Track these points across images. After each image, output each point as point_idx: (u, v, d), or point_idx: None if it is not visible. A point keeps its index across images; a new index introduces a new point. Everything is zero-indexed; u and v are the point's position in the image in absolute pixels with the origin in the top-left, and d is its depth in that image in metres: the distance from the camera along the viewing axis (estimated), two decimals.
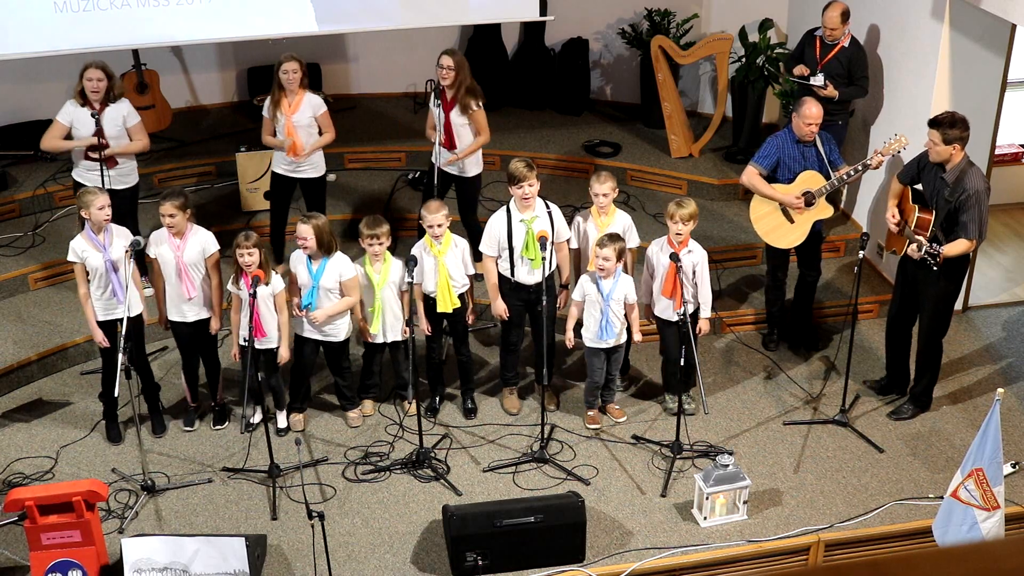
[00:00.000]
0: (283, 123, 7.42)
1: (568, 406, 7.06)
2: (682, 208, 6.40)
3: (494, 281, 6.68)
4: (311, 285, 6.41)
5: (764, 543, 5.98)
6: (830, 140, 7.11)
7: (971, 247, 6.36)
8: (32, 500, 5.49)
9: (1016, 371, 7.43)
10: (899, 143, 6.85)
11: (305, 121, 7.46)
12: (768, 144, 7.09)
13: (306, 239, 6.34)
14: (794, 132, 6.98)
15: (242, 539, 5.50)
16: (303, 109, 7.44)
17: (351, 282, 6.49)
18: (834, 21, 7.70)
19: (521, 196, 6.47)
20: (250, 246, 6.24)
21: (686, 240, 6.48)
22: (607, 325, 6.49)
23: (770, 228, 7.13)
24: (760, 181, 7.04)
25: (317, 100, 7.56)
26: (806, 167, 7.01)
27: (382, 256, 6.53)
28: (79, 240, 6.33)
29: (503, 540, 5.71)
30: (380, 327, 6.63)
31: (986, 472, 5.32)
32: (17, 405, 7.05)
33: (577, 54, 10.01)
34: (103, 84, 7.10)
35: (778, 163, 7.04)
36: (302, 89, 7.44)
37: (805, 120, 6.88)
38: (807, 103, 6.93)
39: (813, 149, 7.00)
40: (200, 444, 6.74)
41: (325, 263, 6.42)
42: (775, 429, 6.87)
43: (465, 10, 8.74)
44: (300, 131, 7.45)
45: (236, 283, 6.37)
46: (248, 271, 6.26)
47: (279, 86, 7.39)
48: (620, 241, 6.41)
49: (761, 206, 7.13)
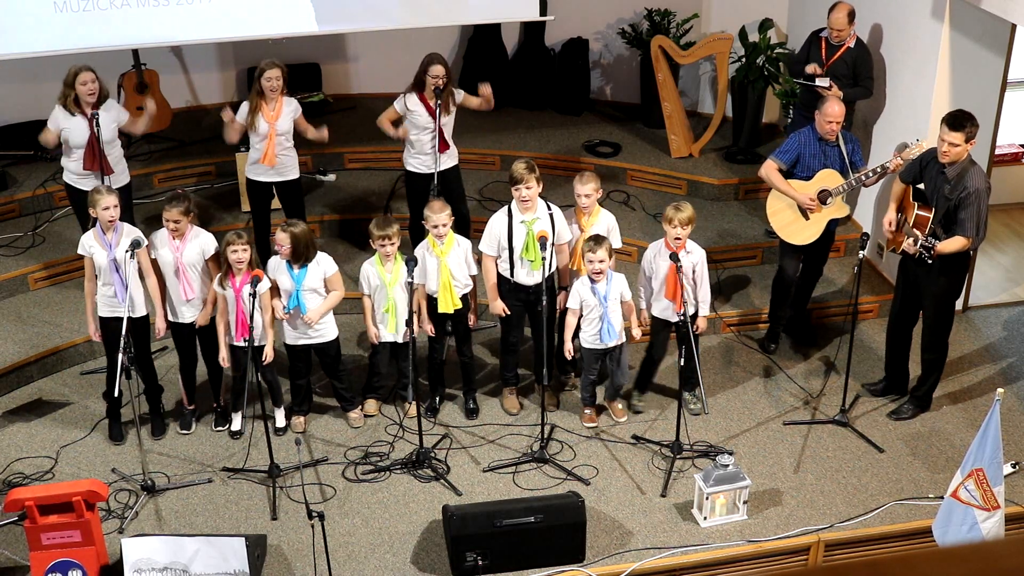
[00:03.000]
0: (264, 130, 7.35)
1: (568, 406, 7.06)
2: (680, 212, 6.41)
3: (493, 281, 6.68)
4: (293, 289, 6.42)
5: (764, 543, 5.98)
6: (854, 141, 7.10)
7: (967, 245, 6.34)
8: (32, 500, 5.49)
9: (1016, 371, 7.42)
10: (919, 148, 6.80)
11: (286, 127, 7.42)
12: (791, 140, 7.10)
13: (282, 246, 6.37)
14: (817, 130, 6.98)
15: (242, 539, 5.51)
16: (284, 114, 7.39)
17: (335, 278, 6.51)
18: (841, 22, 7.68)
19: (520, 198, 6.48)
20: (243, 243, 6.25)
21: (683, 243, 6.49)
22: (609, 327, 6.49)
23: (786, 223, 7.14)
24: (777, 176, 7.04)
25: (294, 103, 7.52)
26: (826, 165, 7.00)
27: (393, 256, 6.53)
28: (89, 235, 6.38)
29: (503, 540, 5.71)
30: (395, 326, 6.63)
31: (986, 472, 5.32)
32: (17, 405, 7.05)
33: (577, 54, 10.01)
34: (96, 86, 7.09)
35: (798, 159, 7.04)
36: (281, 95, 7.38)
37: (827, 118, 6.88)
38: (830, 102, 6.93)
39: (836, 148, 6.99)
40: (200, 444, 6.74)
41: (306, 266, 6.43)
42: (775, 429, 6.87)
43: (465, 10, 8.74)
44: (280, 138, 7.39)
45: (223, 283, 6.37)
46: (238, 269, 6.27)
47: (259, 92, 7.30)
48: (606, 241, 6.43)
49: (778, 201, 7.14)
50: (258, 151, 7.46)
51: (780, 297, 7.47)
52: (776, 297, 7.50)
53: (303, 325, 6.49)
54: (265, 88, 7.28)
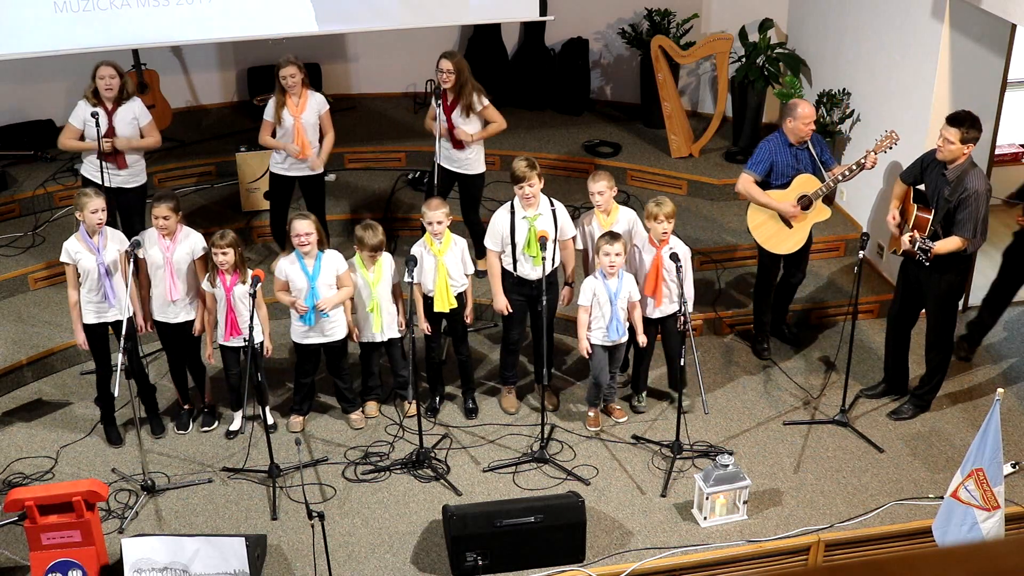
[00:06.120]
0: (291, 124, 7.44)
1: (568, 406, 7.06)
2: (663, 206, 6.42)
3: (498, 278, 6.69)
4: (309, 286, 6.41)
5: (764, 543, 5.98)
6: (821, 141, 7.11)
7: (964, 245, 6.34)
8: (32, 500, 5.49)
9: (1016, 371, 7.42)
10: (889, 139, 6.84)
11: (312, 120, 7.53)
12: (760, 150, 7.07)
13: (309, 233, 6.34)
14: (786, 136, 6.96)
15: (242, 539, 5.50)
16: (310, 108, 7.50)
17: (346, 275, 6.53)
18: None
19: (524, 195, 6.49)
20: (224, 246, 6.25)
21: (668, 238, 6.50)
22: (617, 324, 6.50)
23: (769, 235, 7.12)
24: (756, 189, 7.02)
25: (320, 98, 7.63)
26: (799, 170, 6.99)
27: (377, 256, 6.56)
28: (73, 241, 6.31)
29: (503, 540, 5.71)
30: (380, 325, 6.63)
31: (986, 472, 5.32)
32: (17, 405, 7.05)
33: (577, 54, 10.01)
34: (116, 82, 7.13)
35: (771, 168, 7.02)
36: (305, 89, 7.47)
37: (804, 121, 6.87)
38: (801, 104, 6.92)
39: (806, 152, 6.99)
40: (200, 444, 6.74)
41: (320, 260, 6.42)
42: (775, 429, 6.87)
43: (465, 10, 8.74)
44: (308, 130, 7.52)
45: (212, 282, 6.38)
46: (223, 269, 6.27)
47: (281, 90, 7.42)
48: (622, 237, 6.43)
49: (758, 214, 7.11)
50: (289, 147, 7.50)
51: (763, 301, 7.46)
52: (759, 302, 7.49)
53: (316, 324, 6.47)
54: (284, 85, 7.39)
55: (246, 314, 6.33)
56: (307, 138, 7.50)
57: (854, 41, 8.35)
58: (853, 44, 8.37)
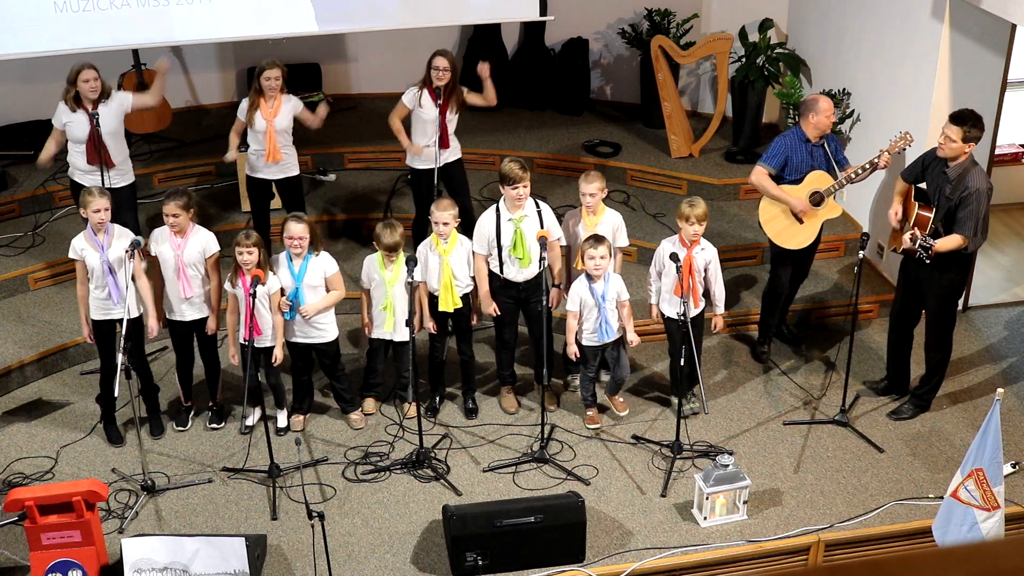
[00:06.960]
0: (263, 128, 7.39)
1: (568, 406, 7.06)
2: (696, 208, 6.40)
3: (486, 282, 6.68)
4: (293, 286, 6.42)
5: (764, 543, 5.98)
6: (835, 140, 7.13)
7: (964, 244, 6.34)
8: (32, 500, 5.49)
9: (1016, 371, 7.42)
10: (904, 140, 6.83)
11: (285, 123, 7.46)
12: (776, 144, 7.07)
13: (303, 237, 6.35)
14: (803, 133, 6.97)
15: (242, 539, 5.50)
16: (283, 112, 7.42)
17: (336, 278, 6.52)
18: None
19: (515, 197, 6.47)
20: (250, 245, 6.25)
21: (699, 240, 6.49)
22: (606, 326, 6.50)
23: (780, 229, 7.12)
24: (769, 182, 7.02)
25: (295, 100, 7.55)
26: (814, 167, 7.00)
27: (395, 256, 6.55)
28: (80, 239, 6.38)
29: (503, 540, 5.71)
30: (392, 324, 6.63)
31: (986, 472, 5.32)
32: (17, 405, 7.05)
33: (577, 54, 10.01)
34: (98, 84, 7.13)
35: (786, 163, 7.02)
36: (280, 93, 7.42)
37: (826, 114, 6.88)
38: (820, 99, 6.93)
39: (821, 149, 6.99)
40: (200, 444, 6.74)
41: (307, 262, 6.42)
42: (775, 429, 6.87)
43: (465, 10, 8.74)
44: (279, 135, 7.43)
45: (233, 283, 6.38)
46: (246, 270, 6.26)
47: (258, 91, 7.35)
48: (607, 241, 6.42)
49: (771, 208, 7.12)
50: (258, 149, 7.47)
51: (772, 306, 7.44)
52: (768, 306, 7.47)
53: (302, 323, 6.49)
54: (264, 87, 7.33)
55: (267, 315, 6.34)
56: (278, 143, 7.44)
57: (854, 41, 8.35)
58: (853, 44, 8.37)
